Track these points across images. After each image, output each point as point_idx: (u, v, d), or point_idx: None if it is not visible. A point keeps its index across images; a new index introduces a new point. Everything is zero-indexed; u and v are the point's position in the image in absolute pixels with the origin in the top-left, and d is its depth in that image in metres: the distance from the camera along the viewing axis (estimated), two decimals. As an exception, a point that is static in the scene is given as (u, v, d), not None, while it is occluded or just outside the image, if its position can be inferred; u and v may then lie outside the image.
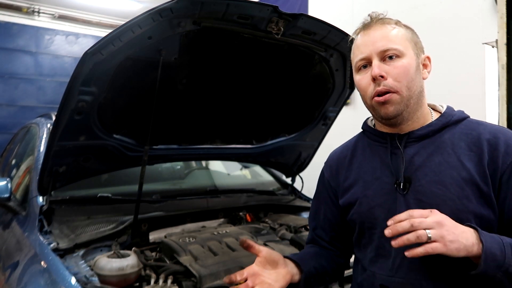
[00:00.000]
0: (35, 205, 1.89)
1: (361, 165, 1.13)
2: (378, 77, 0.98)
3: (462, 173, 0.96)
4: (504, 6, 1.78)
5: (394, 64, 0.99)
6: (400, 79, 0.98)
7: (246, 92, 2.04)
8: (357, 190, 1.11)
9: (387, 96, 0.99)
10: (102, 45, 1.48)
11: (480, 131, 0.99)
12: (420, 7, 3.49)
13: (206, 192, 2.44)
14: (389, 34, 1.01)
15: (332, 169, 1.22)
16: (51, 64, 6.84)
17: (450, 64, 3.23)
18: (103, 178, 2.41)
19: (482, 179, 0.94)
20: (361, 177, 1.11)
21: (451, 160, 0.98)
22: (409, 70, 0.99)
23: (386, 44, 1.00)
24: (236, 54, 1.82)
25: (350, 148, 1.20)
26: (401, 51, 0.99)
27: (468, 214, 0.94)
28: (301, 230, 2.13)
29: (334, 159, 1.24)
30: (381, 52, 1.00)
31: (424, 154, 1.01)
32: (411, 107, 1.01)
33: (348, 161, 1.18)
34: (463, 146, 0.99)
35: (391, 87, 0.98)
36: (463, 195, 0.94)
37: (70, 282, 1.39)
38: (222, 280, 1.52)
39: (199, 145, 2.20)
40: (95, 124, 1.76)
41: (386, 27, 1.02)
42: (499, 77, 1.81)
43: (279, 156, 2.56)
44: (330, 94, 2.19)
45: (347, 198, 1.14)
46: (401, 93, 0.99)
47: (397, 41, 1.00)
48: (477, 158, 0.96)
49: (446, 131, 1.02)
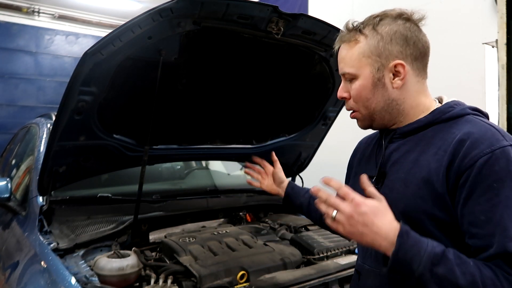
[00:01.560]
0: (35, 205, 1.89)
1: (360, 156, 1.22)
2: (340, 98, 1.09)
3: (423, 172, 0.94)
4: (504, 6, 1.78)
5: (352, 86, 1.05)
6: (356, 100, 1.05)
7: (246, 92, 2.04)
8: (352, 180, 1.20)
9: (352, 115, 1.10)
10: (102, 45, 1.48)
11: (460, 130, 0.93)
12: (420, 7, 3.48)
13: (206, 192, 2.44)
14: (345, 57, 1.05)
15: (352, 155, 1.30)
16: (51, 64, 6.84)
17: (450, 64, 3.23)
18: (103, 178, 2.41)
19: (439, 180, 0.90)
20: (356, 168, 1.21)
21: (421, 159, 0.96)
22: (362, 92, 1.03)
23: (342, 68, 1.06)
24: (236, 54, 1.82)
25: (371, 137, 1.25)
26: (353, 74, 1.03)
27: (420, 213, 0.93)
28: (301, 230, 2.13)
29: (357, 146, 1.31)
30: (342, 75, 1.07)
31: (403, 150, 1.02)
32: (381, 118, 1.05)
33: (357, 150, 1.27)
34: (440, 145, 0.94)
35: (352, 107, 1.08)
36: (419, 194, 0.93)
37: (70, 282, 1.39)
38: (222, 280, 1.52)
39: (199, 145, 2.20)
40: (95, 124, 1.76)
41: (344, 47, 1.05)
42: (499, 77, 1.82)
43: (279, 156, 2.53)
44: (330, 94, 2.19)
45: (349, 185, 1.18)
46: (361, 112, 1.06)
47: (351, 63, 1.03)
48: (445, 158, 0.91)
49: (433, 129, 0.99)
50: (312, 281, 1.61)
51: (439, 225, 0.92)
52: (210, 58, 1.81)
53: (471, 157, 0.87)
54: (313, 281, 1.61)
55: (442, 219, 0.91)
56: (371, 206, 0.88)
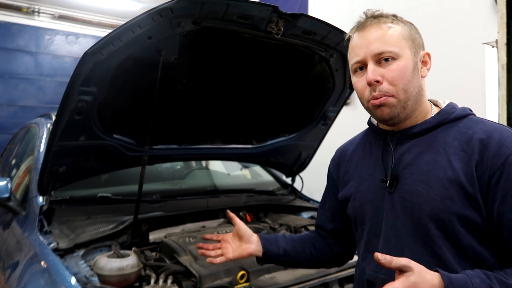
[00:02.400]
0: (35, 205, 1.89)
1: (360, 160, 1.14)
2: (373, 82, 0.97)
3: (448, 173, 0.93)
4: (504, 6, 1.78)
5: (389, 67, 0.96)
6: (396, 83, 0.96)
7: (246, 92, 2.04)
8: (353, 185, 1.13)
9: (383, 99, 0.97)
10: (102, 45, 1.48)
11: (475, 130, 0.95)
12: (420, 7, 3.49)
13: (206, 192, 2.44)
14: (384, 36, 0.97)
15: (335, 162, 1.26)
16: (51, 64, 6.83)
17: (450, 64, 3.23)
18: (103, 178, 2.41)
19: (468, 180, 0.91)
20: (358, 172, 1.13)
21: (440, 159, 0.95)
22: (405, 72, 0.96)
23: (380, 47, 0.97)
24: (236, 54, 1.82)
25: (354, 143, 1.21)
26: (396, 53, 0.96)
27: (450, 215, 0.91)
28: (301, 230, 2.13)
29: (339, 152, 1.27)
30: (376, 55, 0.97)
31: (415, 152, 1.00)
32: (409, 108, 0.99)
33: (349, 156, 1.19)
34: (456, 145, 0.95)
35: (386, 92, 0.97)
36: (446, 195, 0.92)
37: (70, 282, 1.39)
38: (222, 280, 1.52)
39: (199, 145, 2.20)
40: (95, 124, 1.76)
41: (381, 27, 0.98)
42: (499, 77, 1.81)
43: (279, 156, 2.56)
44: (330, 94, 2.19)
45: (344, 192, 1.17)
46: (397, 96, 0.97)
47: (392, 42, 0.97)
48: (467, 158, 0.92)
49: (442, 129, 0.99)
50: (312, 281, 1.61)
51: (467, 225, 0.92)
52: (210, 58, 1.80)
53: (500, 155, 0.89)
54: (313, 281, 1.61)
55: (472, 219, 0.91)
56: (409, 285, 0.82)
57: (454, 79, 3.24)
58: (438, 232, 0.93)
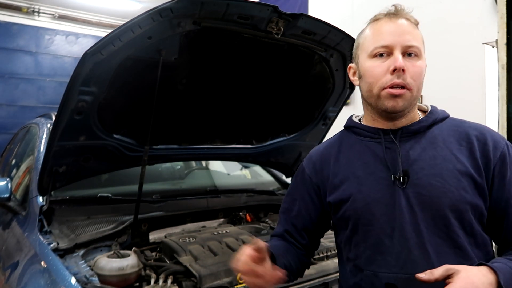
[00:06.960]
0: (35, 205, 1.89)
1: (350, 161, 1.10)
2: (401, 70, 0.96)
3: (457, 165, 0.99)
4: (504, 6, 1.77)
5: (413, 62, 0.99)
6: (415, 79, 0.99)
7: (246, 92, 2.04)
8: (349, 186, 1.08)
9: (402, 92, 0.98)
10: (102, 45, 1.48)
11: (465, 128, 1.05)
12: (420, 7, 3.49)
13: (206, 192, 2.44)
14: (414, 31, 1.01)
15: (316, 165, 1.18)
16: (51, 64, 6.84)
17: (450, 64, 3.24)
18: (103, 178, 2.41)
19: (476, 171, 0.98)
20: (352, 173, 1.08)
21: (444, 154, 1.01)
22: (422, 72, 1.02)
23: (412, 40, 0.99)
24: (236, 54, 1.82)
25: (335, 145, 1.17)
26: (421, 51, 1.01)
27: (466, 204, 0.97)
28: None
29: (318, 155, 1.20)
30: (406, 47, 0.98)
31: (418, 148, 1.03)
32: (413, 106, 1.05)
33: (334, 158, 1.14)
34: (453, 141, 1.03)
35: (408, 84, 0.98)
36: (460, 186, 0.97)
37: (70, 282, 1.39)
38: (222, 280, 1.52)
39: (199, 145, 2.20)
40: (95, 124, 1.76)
41: (411, 23, 1.02)
42: (499, 77, 1.81)
43: (279, 156, 2.56)
44: (330, 94, 2.19)
45: (338, 195, 1.10)
46: (413, 92, 1.00)
47: (420, 41, 1.01)
48: (468, 152, 1.00)
49: (436, 128, 1.06)
50: (312, 281, 1.61)
51: (476, 213, 0.98)
52: (210, 58, 1.81)
53: (497, 149, 1.00)
54: (313, 281, 1.61)
55: (480, 207, 0.98)
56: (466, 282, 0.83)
57: (454, 79, 3.24)
58: (456, 222, 0.97)
